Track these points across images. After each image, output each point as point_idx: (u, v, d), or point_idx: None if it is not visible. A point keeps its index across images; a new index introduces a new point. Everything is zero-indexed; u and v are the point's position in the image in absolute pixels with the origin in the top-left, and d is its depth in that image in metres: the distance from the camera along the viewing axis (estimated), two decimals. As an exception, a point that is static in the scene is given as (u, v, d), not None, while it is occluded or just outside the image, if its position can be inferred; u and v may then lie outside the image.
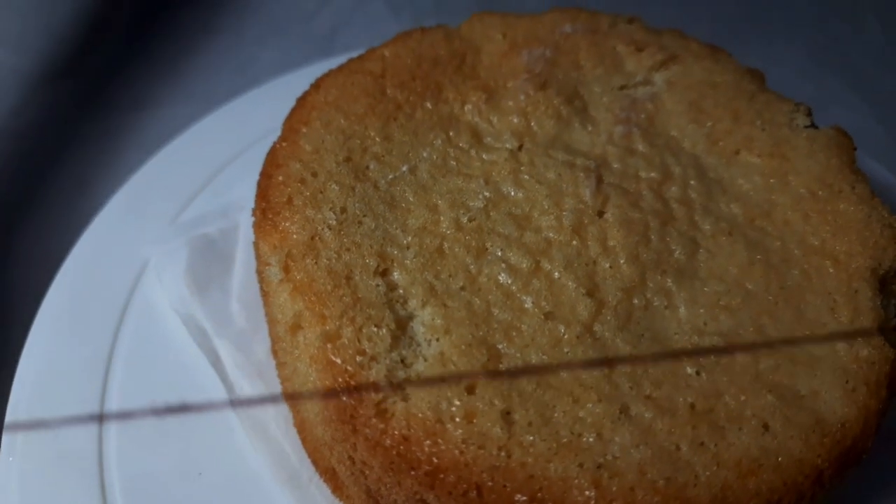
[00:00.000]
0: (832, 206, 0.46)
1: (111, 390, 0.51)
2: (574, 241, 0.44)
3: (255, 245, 0.47)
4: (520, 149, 0.49)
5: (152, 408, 0.49)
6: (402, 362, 0.39)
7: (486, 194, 0.46)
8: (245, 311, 0.54)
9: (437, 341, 0.40)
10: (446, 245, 0.44)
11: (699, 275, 0.43)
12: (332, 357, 0.39)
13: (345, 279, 0.42)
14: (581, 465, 0.36)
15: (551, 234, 0.44)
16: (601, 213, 0.46)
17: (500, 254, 0.44)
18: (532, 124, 0.50)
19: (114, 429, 0.49)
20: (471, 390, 0.38)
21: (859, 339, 0.41)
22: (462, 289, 0.42)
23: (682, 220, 0.46)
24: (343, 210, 0.45)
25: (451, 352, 0.40)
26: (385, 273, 0.43)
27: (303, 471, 0.47)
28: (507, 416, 0.37)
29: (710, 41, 0.56)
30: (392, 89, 0.51)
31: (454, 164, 0.48)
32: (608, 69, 0.53)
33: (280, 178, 0.46)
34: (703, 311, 0.42)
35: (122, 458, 0.48)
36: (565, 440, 0.37)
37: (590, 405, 0.38)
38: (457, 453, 0.36)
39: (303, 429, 0.47)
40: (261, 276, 0.48)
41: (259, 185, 0.47)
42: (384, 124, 0.49)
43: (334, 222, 0.44)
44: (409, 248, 0.44)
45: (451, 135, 0.49)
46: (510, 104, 0.50)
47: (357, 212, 0.45)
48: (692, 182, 0.47)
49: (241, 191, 0.60)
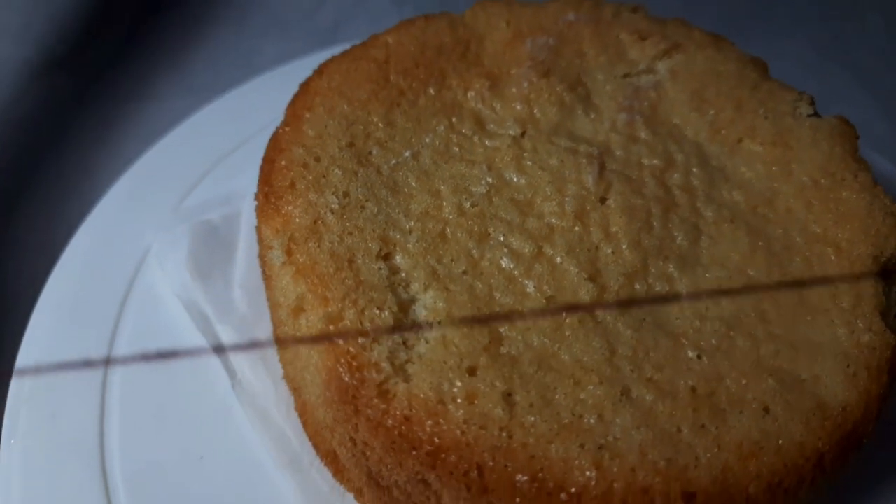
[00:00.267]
0: (835, 194, 0.46)
1: (113, 375, 0.51)
2: (576, 227, 0.44)
3: (258, 229, 0.47)
4: (523, 135, 0.49)
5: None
6: (404, 344, 0.39)
7: (488, 180, 0.46)
8: (247, 297, 0.54)
9: (439, 324, 0.40)
10: (449, 230, 0.44)
11: (701, 261, 0.44)
12: (334, 339, 0.39)
13: (347, 262, 0.42)
14: (582, 446, 0.36)
15: (554, 220, 0.45)
16: (604, 200, 0.46)
17: (502, 239, 0.44)
18: (535, 111, 0.50)
19: (116, 413, 0.49)
20: (472, 372, 0.38)
21: (860, 326, 0.41)
22: (464, 273, 0.42)
23: (684, 207, 0.46)
24: (346, 194, 0.45)
25: (452, 334, 0.40)
26: (387, 257, 0.43)
27: (304, 455, 0.47)
28: (508, 397, 0.37)
29: (713, 34, 0.56)
30: (395, 76, 0.51)
31: (457, 150, 0.48)
32: (611, 58, 0.53)
33: (283, 163, 0.46)
34: (704, 297, 0.42)
35: (124, 442, 0.48)
36: (566, 421, 0.37)
37: (591, 387, 0.38)
38: (458, 433, 0.36)
39: (304, 412, 0.47)
40: (263, 260, 0.48)
41: (262, 170, 0.47)
42: (387, 110, 0.49)
43: (337, 206, 0.44)
44: (411, 233, 0.44)
45: (454, 121, 0.49)
46: (513, 91, 0.50)
47: (360, 196, 0.45)
48: (695, 170, 0.47)
49: (244, 179, 0.60)
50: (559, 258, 0.43)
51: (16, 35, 0.84)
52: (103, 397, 0.50)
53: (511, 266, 0.42)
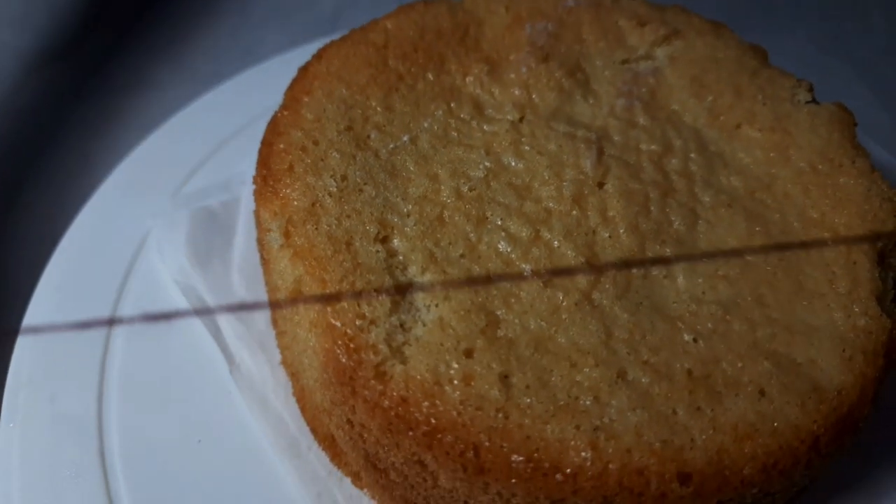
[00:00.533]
0: (832, 179, 0.46)
1: (112, 360, 0.51)
2: (574, 211, 0.44)
3: (256, 213, 0.47)
4: (521, 120, 0.49)
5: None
6: (402, 326, 0.40)
7: (486, 164, 0.46)
8: (245, 282, 0.54)
9: (437, 307, 0.40)
10: (446, 213, 0.44)
11: (698, 245, 0.44)
12: (332, 320, 0.39)
13: (345, 245, 0.42)
14: (578, 427, 0.36)
15: (551, 204, 0.45)
16: (601, 185, 0.46)
17: (500, 223, 0.44)
18: (534, 96, 0.50)
19: (114, 396, 0.49)
20: (469, 354, 0.38)
21: (856, 310, 0.41)
22: (462, 256, 0.42)
23: (682, 191, 0.46)
24: (344, 178, 0.45)
25: (450, 317, 0.40)
26: (385, 240, 0.43)
27: (301, 440, 0.48)
28: (504, 379, 0.38)
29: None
30: (394, 60, 0.51)
31: (455, 134, 0.48)
32: (610, 43, 0.53)
33: (281, 146, 0.46)
34: (701, 281, 0.42)
35: (122, 424, 0.48)
36: (562, 403, 0.37)
37: (587, 370, 0.38)
38: (454, 414, 0.36)
39: (302, 397, 0.47)
40: (261, 243, 0.48)
41: (260, 153, 0.47)
42: (386, 94, 0.49)
43: (335, 189, 0.44)
44: (409, 216, 0.44)
45: (452, 106, 0.49)
46: (512, 76, 0.50)
47: (358, 180, 0.45)
48: (693, 155, 0.47)
49: (243, 165, 0.60)
50: (556, 242, 0.43)
51: (15, 25, 0.84)
52: (102, 382, 0.50)
53: (508, 249, 0.43)
